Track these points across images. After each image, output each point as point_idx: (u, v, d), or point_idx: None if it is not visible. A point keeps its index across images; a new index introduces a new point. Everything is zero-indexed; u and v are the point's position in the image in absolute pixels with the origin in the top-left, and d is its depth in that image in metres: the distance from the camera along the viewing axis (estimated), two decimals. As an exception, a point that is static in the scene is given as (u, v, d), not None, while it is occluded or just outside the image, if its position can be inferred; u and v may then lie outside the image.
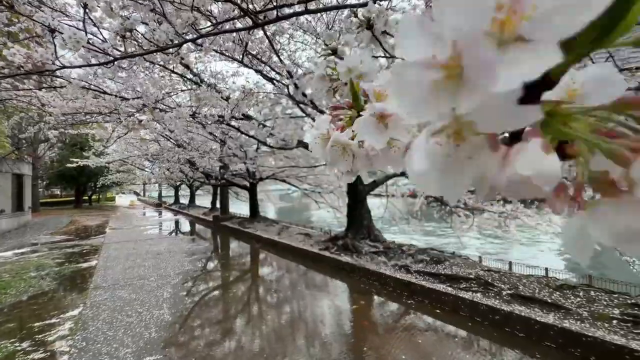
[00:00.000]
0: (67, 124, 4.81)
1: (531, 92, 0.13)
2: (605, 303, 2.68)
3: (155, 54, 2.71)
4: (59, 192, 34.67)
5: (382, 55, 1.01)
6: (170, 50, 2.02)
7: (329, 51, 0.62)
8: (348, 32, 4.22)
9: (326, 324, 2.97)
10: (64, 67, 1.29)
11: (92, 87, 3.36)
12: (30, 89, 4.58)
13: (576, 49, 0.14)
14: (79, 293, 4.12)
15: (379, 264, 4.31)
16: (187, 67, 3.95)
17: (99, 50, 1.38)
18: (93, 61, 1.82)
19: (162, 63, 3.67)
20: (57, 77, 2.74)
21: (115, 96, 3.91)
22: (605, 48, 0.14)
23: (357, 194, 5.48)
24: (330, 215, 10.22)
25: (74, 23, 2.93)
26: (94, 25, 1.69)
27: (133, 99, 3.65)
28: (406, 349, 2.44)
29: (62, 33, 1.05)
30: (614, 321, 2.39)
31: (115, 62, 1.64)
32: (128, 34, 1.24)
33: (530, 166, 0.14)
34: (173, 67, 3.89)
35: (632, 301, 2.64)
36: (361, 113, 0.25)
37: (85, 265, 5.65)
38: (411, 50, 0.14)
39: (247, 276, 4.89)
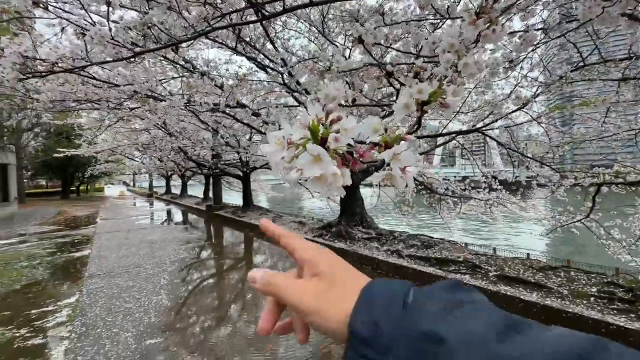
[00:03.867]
0: (55, 111, 4.68)
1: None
2: (584, 282, 2.86)
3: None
4: (44, 183, 33.74)
5: (373, 62, 1.05)
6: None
7: (326, 67, 0.68)
8: (342, 20, 4.18)
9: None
10: (92, 63, 1.28)
11: (81, 73, 3.28)
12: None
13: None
14: (74, 281, 4.12)
15: (371, 249, 4.43)
16: (177, 53, 3.88)
17: (121, 45, 1.37)
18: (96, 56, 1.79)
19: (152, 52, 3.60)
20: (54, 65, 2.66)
21: (105, 82, 3.83)
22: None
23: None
24: (322, 204, 10.33)
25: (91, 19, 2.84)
26: (112, 21, 1.67)
27: (124, 85, 3.59)
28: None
29: (89, 31, 1.05)
30: (592, 298, 2.56)
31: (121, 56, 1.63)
32: (147, 30, 1.24)
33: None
34: (165, 53, 3.82)
35: (608, 280, 2.82)
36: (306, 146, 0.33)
37: (78, 254, 5.62)
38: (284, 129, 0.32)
39: (243, 263, 4.96)
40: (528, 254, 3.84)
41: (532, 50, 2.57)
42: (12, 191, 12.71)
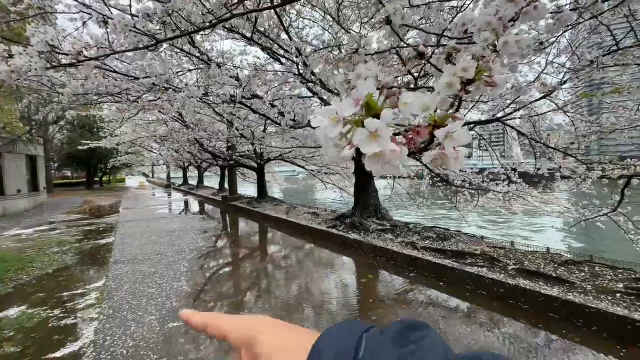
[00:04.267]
0: (79, 104, 4.86)
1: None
2: (609, 278, 2.75)
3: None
4: (70, 174, 35.34)
5: (404, 45, 1.02)
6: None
7: (353, 50, 0.67)
8: (358, 7, 4.07)
9: (334, 296, 3.12)
10: (115, 51, 1.32)
11: (103, 66, 3.37)
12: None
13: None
14: (101, 266, 4.35)
15: (385, 240, 4.42)
16: (194, 45, 3.91)
17: (142, 33, 1.40)
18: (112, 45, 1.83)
19: (170, 42, 3.65)
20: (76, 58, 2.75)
21: (125, 75, 3.93)
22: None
23: (364, 173, 5.51)
24: (335, 195, 10.34)
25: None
26: (132, 15, 1.71)
27: (143, 77, 3.67)
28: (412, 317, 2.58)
29: (112, 19, 1.08)
30: (618, 294, 2.47)
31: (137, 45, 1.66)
32: (167, 18, 1.26)
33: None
34: (181, 45, 3.86)
35: (637, 276, 2.70)
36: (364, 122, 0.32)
37: (103, 241, 5.90)
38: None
39: (258, 252, 5.07)
40: (548, 247, 3.72)
41: (563, 32, 2.42)
42: (41, 181, 13.41)
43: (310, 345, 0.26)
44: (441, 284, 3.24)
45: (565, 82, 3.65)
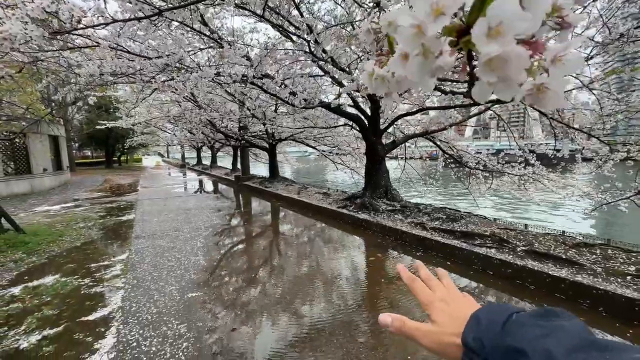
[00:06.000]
0: (95, 84, 4.97)
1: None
2: (621, 261, 2.72)
3: (173, 11, 2.69)
4: (90, 154, 36.61)
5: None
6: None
7: (374, 4, 0.66)
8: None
9: (343, 273, 3.23)
10: (115, 20, 1.35)
11: (117, 47, 3.41)
12: (57, 50, 4.69)
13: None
14: (124, 241, 4.62)
15: (395, 221, 4.46)
16: (205, 24, 3.88)
17: (143, 1, 1.41)
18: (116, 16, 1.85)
19: (181, 20, 3.63)
20: (89, 38, 2.80)
21: (139, 55, 3.96)
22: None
23: (375, 154, 5.48)
24: (346, 176, 10.34)
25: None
26: None
27: (156, 57, 3.70)
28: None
29: None
30: (628, 277, 2.45)
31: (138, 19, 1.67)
32: None
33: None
34: (191, 23, 3.83)
35: (650, 260, 2.66)
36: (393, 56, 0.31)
37: (124, 218, 6.22)
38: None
39: (270, 230, 5.24)
40: (563, 231, 3.67)
41: (589, 3, 2.25)
42: (64, 161, 14.00)
43: (473, 309, 0.37)
44: (449, 263, 3.29)
45: (592, 57, 3.44)
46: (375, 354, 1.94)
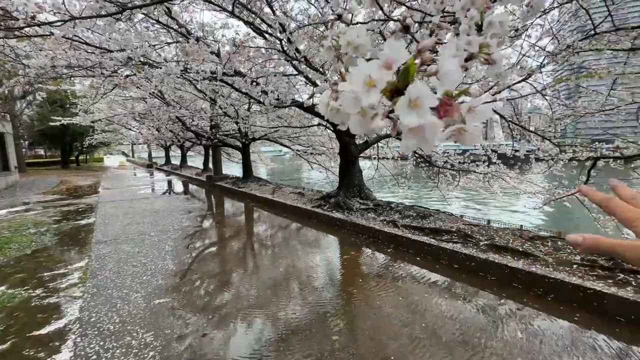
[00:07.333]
0: (48, 77, 4.56)
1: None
2: (569, 251, 3.00)
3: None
4: (43, 153, 33.57)
5: (383, 18, 1.02)
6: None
7: (335, 16, 0.67)
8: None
9: (318, 272, 3.25)
10: (74, 18, 1.24)
11: (74, 37, 3.16)
12: (1, 38, 4.24)
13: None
14: (82, 247, 4.29)
15: (368, 219, 4.57)
16: (172, 17, 3.70)
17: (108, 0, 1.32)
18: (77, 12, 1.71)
19: (145, 12, 3.43)
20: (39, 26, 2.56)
21: (98, 47, 3.69)
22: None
23: (349, 153, 5.57)
24: (321, 176, 10.40)
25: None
26: None
27: (117, 51, 3.47)
28: (390, 291, 2.75)
29: None
30: (575, 266, 2.71)
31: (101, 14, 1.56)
32: None
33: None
34: (157, 17, 3.65)
35: (593, 249, 2.95)
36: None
37: (83, 222, 5.78)
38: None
39: (244, 231, 5.13)
40: (521, 225, 3.96)
41: (540, 16, 2.46)
42: (12, 160, 12.71)
43: None
44: (419, 259, 3.43)
45: (544, 65, 3.74)
46: (347, 350, 1.98)
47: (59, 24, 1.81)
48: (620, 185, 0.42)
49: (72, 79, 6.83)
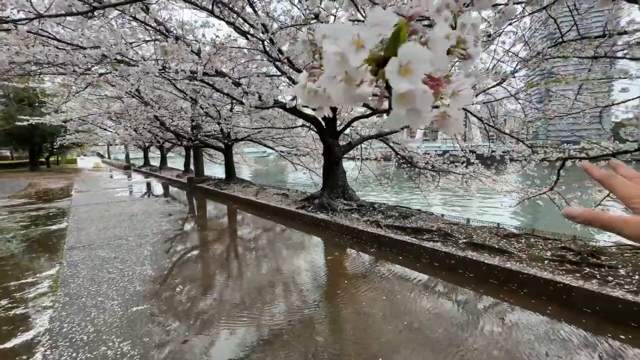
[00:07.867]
0: (14, 74, 4.30)
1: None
2: (541, 247, 3.16)
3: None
4: (9, 154, 31.61)
5: (361, 18, 1.04)
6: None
7: (312, 15, 0.67)
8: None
9: (303, 273, 3.24)
10: (41, 15, 1.17)
11: (41, 32, 2.99)
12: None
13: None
14: (53, 253, 4.07)
15: (352, 220, 4.61)
16: (149, 14, 3.59)
17: None
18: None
19: (121, 9, 3.32)
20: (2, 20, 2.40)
21: (68, 44, 3.52)
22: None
23: (332, 154, 5.60)
24: (306, 177, 10.39)
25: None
26: None
27: (91, 48, 3.32)
28: (374, 290, 2.79)
29: None
30: (546, 261, 2.85)
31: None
32: None
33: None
34: (134, 13, 3.53)
35: (562, 245, 3.13)
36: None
37: (54, 227, 5.48)
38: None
39: (227, 234, 5.04)
40: (498, 224, 4.13)
41: (511, 24, 2.58)
42: (-27, 162, 11.85)
43: None
44: (401, 258, 3.50)
45: (517, 71, 3.92)
46: (332, 351, 1.98)
47: (25, 22, 1.70)
48: (621, 166, 0.43)
49: (40, 76, 6.48)
